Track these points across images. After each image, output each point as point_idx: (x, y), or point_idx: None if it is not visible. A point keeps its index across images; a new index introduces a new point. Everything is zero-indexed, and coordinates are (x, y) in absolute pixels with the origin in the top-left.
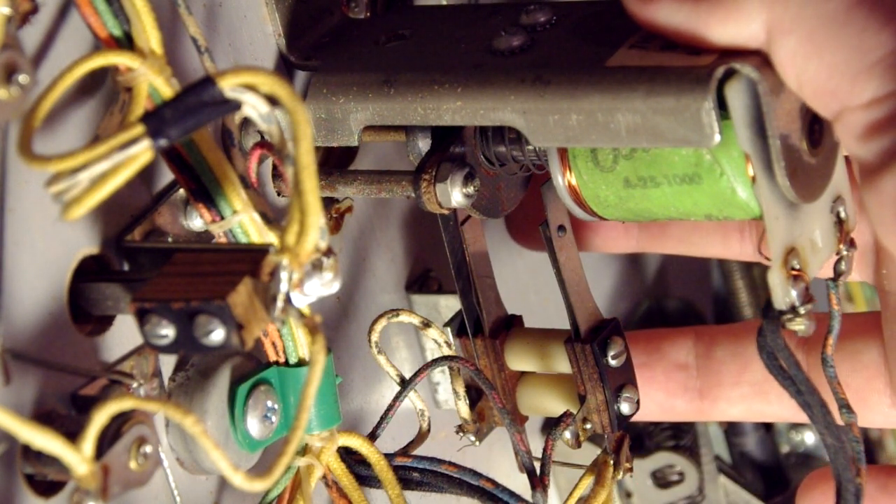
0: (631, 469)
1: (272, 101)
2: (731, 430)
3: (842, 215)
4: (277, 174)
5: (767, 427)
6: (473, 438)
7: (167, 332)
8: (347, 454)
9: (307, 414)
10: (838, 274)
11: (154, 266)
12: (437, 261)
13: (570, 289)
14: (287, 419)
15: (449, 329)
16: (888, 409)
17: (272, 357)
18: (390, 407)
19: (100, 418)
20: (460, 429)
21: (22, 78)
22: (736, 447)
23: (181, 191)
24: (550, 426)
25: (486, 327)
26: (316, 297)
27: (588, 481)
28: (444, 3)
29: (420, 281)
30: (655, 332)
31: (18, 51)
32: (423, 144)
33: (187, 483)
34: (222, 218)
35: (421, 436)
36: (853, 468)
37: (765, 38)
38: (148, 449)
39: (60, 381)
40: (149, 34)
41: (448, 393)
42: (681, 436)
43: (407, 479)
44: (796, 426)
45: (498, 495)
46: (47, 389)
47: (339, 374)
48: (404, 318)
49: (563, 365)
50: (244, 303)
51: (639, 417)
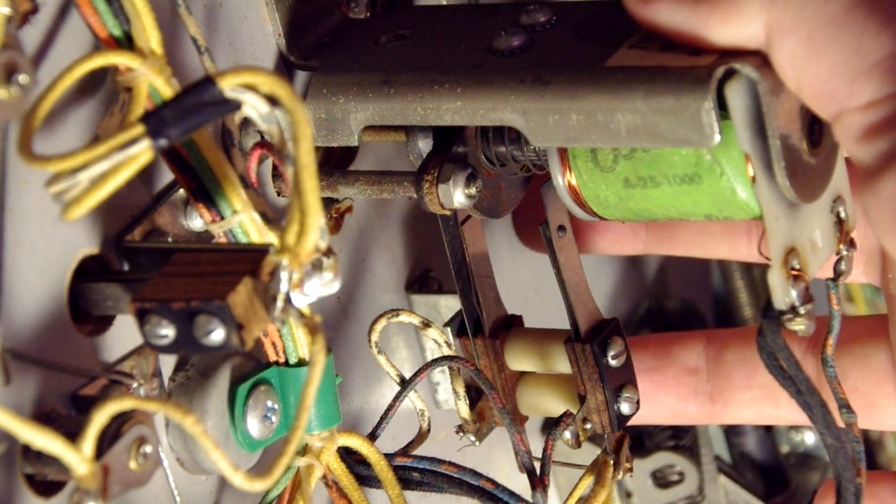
0: (631, 469)
1: (272, 101)
2: (731, 430)
3: (842, 215)
4: (277, 174)
5: (767, 427)
6: (473, 438)
7: (167, 332)
8: (347, 454)
9: (307, 414)
10: (838, 274)
11: (154, 266)
12: (437, 261)
13: (570, 289)
14: (287, 419)
15: (449, 329)
16: None
17: (272, 357)
18: (390, 407)
19: (100, 418)
20: (460, 429)
21: (22, 78)
22: (736, 447)
23: (181, 191)
24: (550, 426)
25: (486, 327)
26: (316, 297)
27: (588, 481)
28: (444, 3)
29: (420, 281)
30: (665, 336)
31: (18, 51)
32: (424, 144)
33: (187, 483)
34: (222, 218)
35: (421, 436)
36: (853, 468)
37: (764, 40)
38: (148, 449)
39: (60, 381)
40: (149, 34)
41: (448, 393)
42: (681, 436)
43: (407, 479)
44: (796, 426)
45: (498, 495)
46: (47, 389)
47: (339, 374)
48: (404, 318)
49: (563, 365)
50: (244, 303)
51: (650, 421)
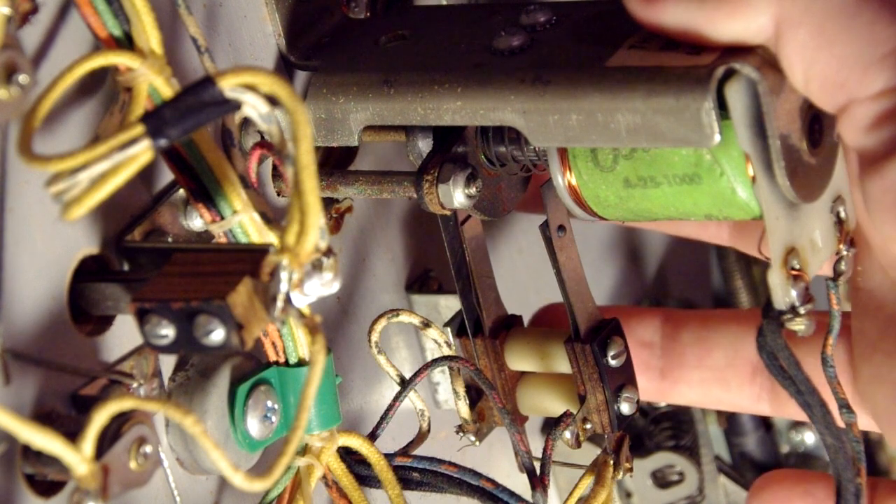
0: (631, 469)
1: (272, 101)
2: (731, 430)
3: (842, 215)
4: (277, 174)
5: (767, 427)
6: (473, 438)
7: (167, 332)
8: (347, 454)
9: (307, 414)
10: (838, 274)
11: (154, 266)
12: (437, 261)
13: (570, 289)
14: (287, 419)
15: (449, 329)
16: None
17: (272, 357)
18: (390, 407)
19: (100, 418)
20: (460, 429)
21: (22, 78)
22: (736, 447)
23: (181, 191)
24: (550, 426)
25: (486, 327)
26: (316, 297)
27: (588, 481)
28: (444, 3)
29: (420, 281)
30: (624, 309)
31: (18, 51)
32: (423, 144)
33: (187, 483)
34: (222, 218)
35: (421, 436)
36: (853, 468)
37: (772, 32)
38: (148, 449)
39: (60, 381)
40: (149, 34)
41: (448, 393)
42: (681, 436)
43: (407, 479)
44: (796, 426)
45: (498, 495)
46: (47, 389)
47: (339, 374)
48: (404, 318)
49: (563, 365)
50: (244, 303)
51: None
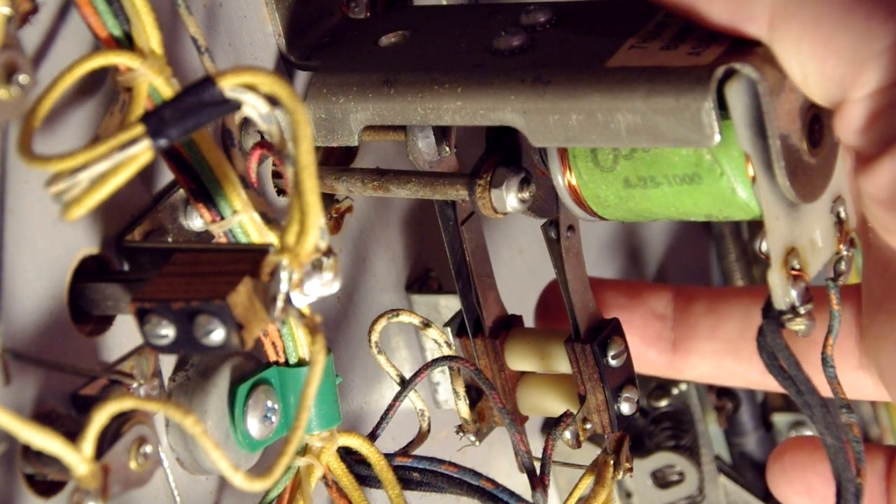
0: (631, 469)
1: (272, 101)
2: (731, 430)
3: (842, 215)
4: (277, 174)
5: (767, 427)
6: (473, 438)
7: (167, 332)
8: (347, 454)
9: (307, 414)
10: (838, 274)
11: (154, 266)
12: (437, 261)
13: (573, 289)
14: (287, 419)
15: (449, 329)
16: (854, 371)
17: (272, 357)
18: (390, 407)
19: (100, 418)
20: (460, 429)
21: (22, 78)
22: (736, 447)
23: (181, 191)
24: (550, 426)
25: (486, 327)
26: (316, 297)
27: (588, 481)
28: (444, 3)
29: (420, 281)
30: (637, 282)
31: (18, 51)
32: (423, 144)
33: (187, 483)
34: (222, 218)
35: (421, 436)
36: (853, 468)
37: (767, 24)
38: (148, 449)
39: (60, 381)
40: (149, 34)
41: (448, 393)
42: (681, 436)
43: (407, 479)
44: (796, 426)
45: (498, 495)
46: (47, 389)
47: (339, 374)
48: (404, 318)
49: (563, 365)
50: (244, 303)
51: None
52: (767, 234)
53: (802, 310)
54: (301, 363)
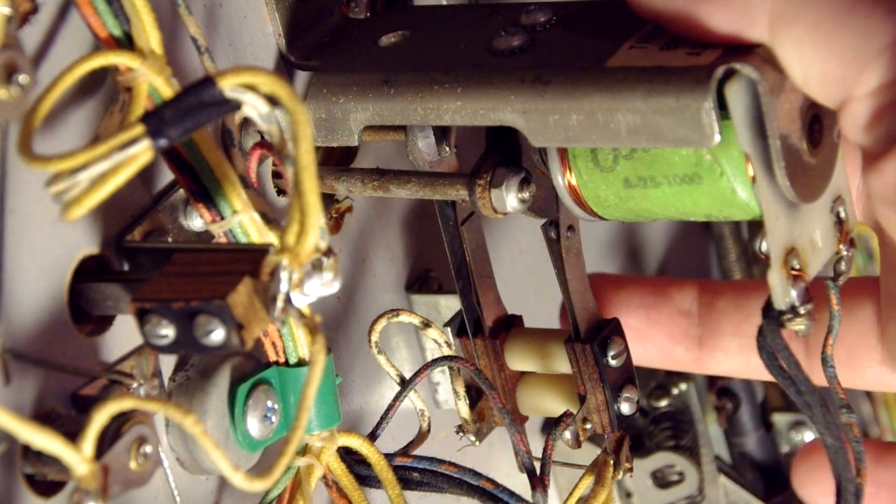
0: (631, 469)
1: (272, 101)
2: (731, 430)
3: (842, 215)
4: (277, 174)
5: (767, 427)
6: (473, 438)
7: (167, 332)
8: (347, 454)
9: (307, 414)
10: (838, 274)
11: (154, 266)
12: (437, 261)
13: (573, 289)
14: (287, 419)
15: (449, 329)
16: (878, 366)
17: (272, 357)
18: (390, 407)
19: (100, 418)
20: (460, 429)
21: (22, 78)
22: (736, 447)
23: (181, 191)
24: (550, 426)
25: (486, 327)
26: (316, 297)
27: (588, 481)
28: (444, 3)
29: (420, 281)
30: (662, 279)
31: (18, 51)
32: (423, 144)
33: (187, 483)
34: (222, 218)
35: (421, 436)
36: (853, 468)
37: (768, 28)
38: (148, 449)
39: (60, 381)
40: (149, 34)
41: (448, 393)
42: (681, 436)
43: (407, 479)
44: (796, 426)
45: (498, 495)
46: (47, 389)
47: (339, 374)
48: (404, 318)
49: (563, 365)
50: (244, 303)
51: (639, 363)
52: (767, 234)
53: (802, 310)
54: (301, 363)
